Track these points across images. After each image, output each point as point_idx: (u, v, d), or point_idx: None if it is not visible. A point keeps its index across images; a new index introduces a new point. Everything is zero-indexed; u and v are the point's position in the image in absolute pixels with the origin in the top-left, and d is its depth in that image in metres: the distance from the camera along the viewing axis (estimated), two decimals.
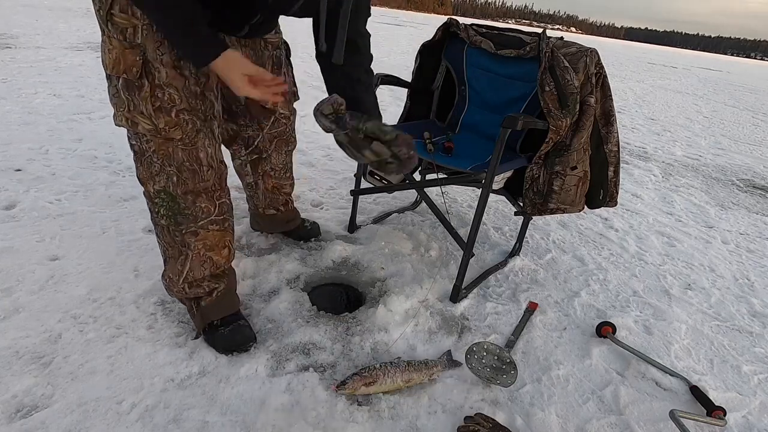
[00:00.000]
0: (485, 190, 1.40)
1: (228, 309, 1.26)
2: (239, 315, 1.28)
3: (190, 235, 1.16)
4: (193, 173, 1.10)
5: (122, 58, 0.97)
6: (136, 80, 0.98)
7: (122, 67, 0.98)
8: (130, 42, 0.96)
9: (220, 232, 1.21)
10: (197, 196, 1.13)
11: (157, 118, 1.02)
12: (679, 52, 74.80)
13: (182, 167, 1.09)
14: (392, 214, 2.12)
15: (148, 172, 1.09)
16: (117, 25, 0.95)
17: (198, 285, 1.22)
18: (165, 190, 1.10)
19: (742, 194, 3.30)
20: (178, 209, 1.13)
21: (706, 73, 18.69)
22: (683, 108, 7.35)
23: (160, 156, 1.07)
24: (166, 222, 1.14)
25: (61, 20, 7.38)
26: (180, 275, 1.20)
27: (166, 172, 1.09)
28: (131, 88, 1.00)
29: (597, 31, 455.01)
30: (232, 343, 1.21)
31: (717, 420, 1.19)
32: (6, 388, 1.04)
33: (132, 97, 1.00)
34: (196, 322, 1.25)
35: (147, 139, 1.05)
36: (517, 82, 1.69)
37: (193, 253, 1.18)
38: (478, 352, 1.28)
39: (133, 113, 1.02)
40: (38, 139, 2.48)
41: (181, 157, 1.08)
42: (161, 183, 1.10)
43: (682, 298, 1.79)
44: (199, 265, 1.20)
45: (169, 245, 1.19)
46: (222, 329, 1.22)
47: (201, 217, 1.15)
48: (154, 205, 1.14)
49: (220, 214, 1.19)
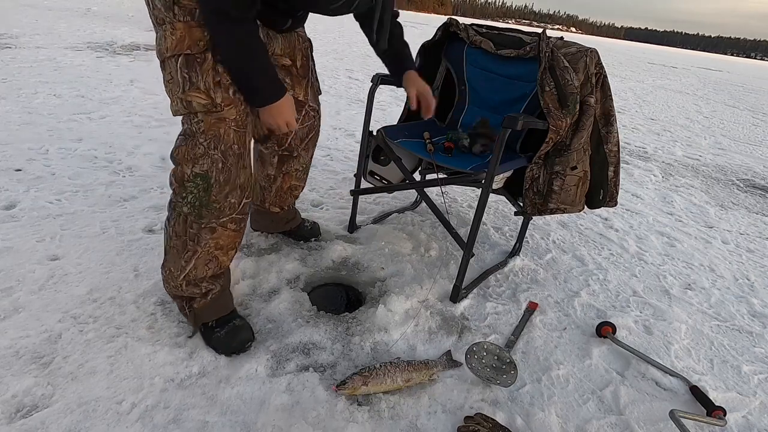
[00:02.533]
0: (485, 190, 1.40)
1: (222, 310, 1.23)
2: (234, 314, 1.25)
3: (207, 231, 1.12)
4: (238, 159, 1.08)
5: (188, 35, 0.98)
6: (199, 54, 0.98)
7: (186, 43, 0.98)
8: (198, 21, 0.97)
9: (235, 233, 1.18)
10: (233, 190, 1.10)
11: (215, 92, 1.01)
12: (679, 52, 74.79)
13: (229, 152, 1.06)
14: (392, 214, 2.11)
15: (192, 154, 1.05)
16: (185, 7, 0.97)
17: (196, 284, 1.19)
18: (204, 176, 1.05)
19: (742, 194, 3.30)
20: (207, 200, 1.08)
21: (706, 73, 18.69)
22: (683, 108, 7.35)
23: (208, 137, 1.04)
24: (188, 210, 1.09)
25: (61, 20, 7.38)
26: (182, 271, 1.16)
27: (211, 156, 1.05)
28: (191, 64, 0.99)
29: (597, 31, 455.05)
30: (229, 346, 1.19)
31: (717, 420, 1.19)
32: (6, 388, 1.04)
33: (190, 74, 0.99)
34: (189, 320, 1.24)
35: (198, 120, 1.03)
36: (517, 82, 1.69)
37: (203, 250, 1.14)
38: (478, 352, 1.28)
39: (188, 92, 1.01)
40: (38, 139, 2.49)
41: (232, 138, 1.05)
42: (203, 167, 1.05)
43: (682, 298, 1.79)
44: (203, 264, 1.16)
45: (178, 237, 1.13)
46: (218, 331, 1.19)
47: (226, 212, 1.12)
48: (182, 189, 1.08)
49: (242, 213, 1.16)
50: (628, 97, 7.67)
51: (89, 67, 4.37)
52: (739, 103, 9.29)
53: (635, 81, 10.72)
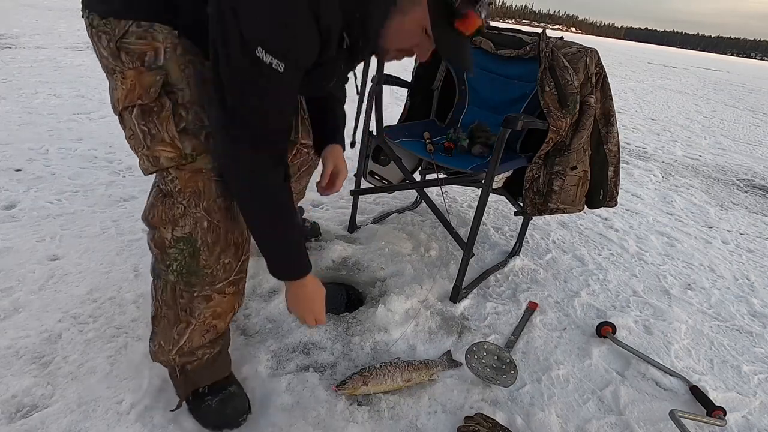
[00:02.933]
0: (485, 190, 1.40)
1: (219, 373, 1.06)
2: (230, 379, 1.08)
3: (201, 299, 0.94)
4: (227, 213, 0.91)
5: (138, 83, 0.84)
6: (153, 102, 0.84)
7: (137, 93, 0.84)
8: (149, 66, 0.84)
9: (234, 296, 0.99)
10: (225, 249, 0.92)
11: (182, 141, 0.86)
12: (679, 52, 74.79)
13: (213, 207, 0.89)
14: (392, 214, 2.12)
15: (170, 215, 0.88)
16: (132, 52, 0.83)
17: (191, 353, 1.01)
18: (188, 239, 0.89)
19: (742, 194, 3.30)
20: (195, 266, 0.91)
21: (706, 73, 18.69)
22: (683, 108, 7.35)
23: (186, 195, 0.87)
24: (175, 278, 0.92)
25: (61, 20, 7.38)
26: (174, 344, 0.98)
27: (193, 216, 0.88)
28: (148, 114, 0.85)
29: (597, 31, 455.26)
30: (222, 418, 1.02)
31: (717, 420, 1.19)
32: (6, 388, 1.04)
33: (149, 126, 0.85)
34: (178, 388, 1.05)
35: (172, 177, 0.87)
36: (517, 82, 1.69)
37: (198, 321, 0.96)
38: (478, 352, 1.28)
39: (152, 146, 0.86)
40: (38, 139, 2.48)
41: (215, 191, 0.89)
42: (185, 229, 0.88)
43: (682, 298, 1.79)
44: (200, 335, 0.99)
45: (168, 306, 0.96)
46: (209, 399, 1.02)
47: (221, 277, 0.94)
48: (165, 256, 0.91)
49: (240, 272, 0.98)
50: (628, 97, 7.67)
51: (89, 67, 4.37)
52: (739, 103, 9.29)
53: (635, 81, 10.72)
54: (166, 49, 0.84)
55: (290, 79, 0.79)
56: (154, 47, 0.83)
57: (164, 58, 0.84)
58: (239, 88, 0.78)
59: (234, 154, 0.84)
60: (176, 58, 0.85)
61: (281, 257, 0.96)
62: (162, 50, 0.84)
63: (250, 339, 1.27)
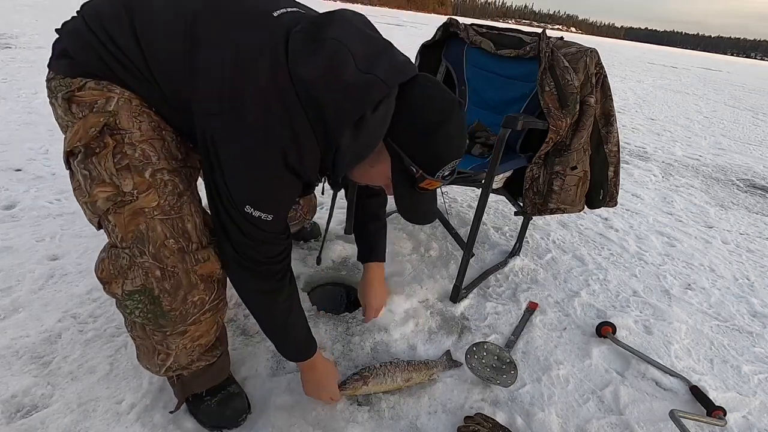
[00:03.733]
0: (485, 190, 1.40)
1: (217, 377, 1.04)
2: (229, 380, 1.07)
3: (176, 336, 0.89)
4: (183, 255, 0.82)
5: (82, 126, 0.78)
6: (94, 142, 0.78)
7: (79, 135, 0.78)
8: (97, 111, 0.78)
9: (213, 316, 0.93)
10: (190, 290, 0.84)
11: (122, 178, 0.78)
12: (679, 52, 74.78)
13: (163, 252, 0.80)
14: (392, 214, 2.11)
15: (117, 267, 0.81)
16: (83, 103, 0.79)
17: (185, 368, 0.98)
18: (142, 290, 0.81)
19: (742, 194, 3.30)
20: (160, 312, 0.83)
21: (706, 73, 18.69)
22: (683, 108, 7.35)
23: (129, 242, 0.79)
24: (142, 321, 0.86)
25: (61, 20, 7.36)
26: (160, 367, 0.94)
27: (141, 266, 0.80)
28: (89, 155, 0.79)
29: (597, 31, 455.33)
30: (221, 418, 1.02)
31: (717, 420, 1.18)
32: (6, 388, 1.04)
33: (89, 168, 0.79)
34: (175, 392, 1.04)
35: (110, 224, 0.80)
36: (517, 82, 1.69)
37: (177, 350, 0.91)
38: (478, 352, 1.27)
39: (92, 191, 0.79)
40: (38, 139, 2.49)
41: (161, 233, 0.80)
42: (136, 282, 0.81)
43: (682, 298, 1.79)
44: (186, 356, 0.94)
45: (141, 339, 0.91)
46: (209, 400, 1.02)
47: (192, 312, 0.87)
48: (123, 307, 0.85)
49: (217, 297, 0.91)
50: (628, 97, 7.67)
51: None
52: (739, 103, 9.29)
53: (635, 81, 10.72)
54: (120, 99, 0.79)
55: (280, 221, 0.86)
56: (107, 96, 0.79)
57: (115, 105, 0.79)
58: (237, 229, 0.83)
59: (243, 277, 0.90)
60: (129, 107, 0.80)
61: (289, 350, 1.03)
62: (115, 99, 0.79)
63: (250, 339, 1.27)
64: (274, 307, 0.94)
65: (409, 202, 0.91)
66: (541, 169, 1.54)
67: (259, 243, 0.85)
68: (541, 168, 1.54)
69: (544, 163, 1.53)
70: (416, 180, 0.84)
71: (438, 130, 0.80)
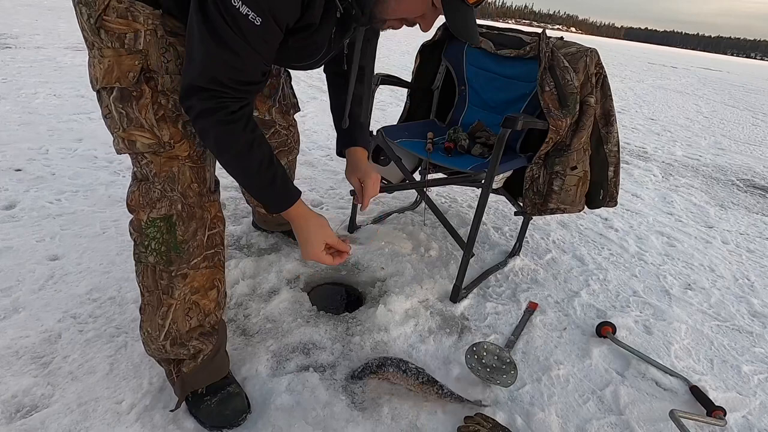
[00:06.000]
0: (485, 190, 1.40)
1: (216, 374, 1.06)
2: (229, 379, 1.09)
3: (179, 278, 0.96)
4: (200, 198, 0.94)
5: (116, 65, 0.83)
6: (133, 87, 0.84)
7: (115, 75, 0.84)
8: (128, 48, 0.83)
9: (210, 270, 1.00)
10: (200, 227, 0.95)
11: (160, 128, 0.87)
12: (679, 52, 74.77)
13: (188, 191, 0.92)
14: (392, 214, 2.12)
15: (147, 198, 0.91)
16: (112, 31, 0.82)
17: (182, 344, 1.00)
18: (165, 218, 0.91)
19: (742, 194, 3.30)
20: (174, 243, 0.93)
21: (706, 73, 18.69)
22: (683, 108, 7.35)
23: (162, 179, 0.90)
24: (154, 260, 0.94)
25: (61, 20, 7.37)
26: (160, 330, 0.98)
27: (169, 198, 0.91)
28: (127, 99, 0.85)
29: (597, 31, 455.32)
30: (220, 418, 1.02)
31: (717, 420, 1.19)
32: (6, 388, 1.04)
33: (128, 110, 0.86)
34: (176, 389, 1.04)
35: (147, 161, 0.89)
36: (517, 82, 1.69)
37: (177, 301, 0.97)
38: (478, 352, 1.27)
39: (129, 131, 0.87)
40: (38, 139, 2.49)
41: (189, 177, 0.91)
42: (161, 210, 0.91)
43: (682, 298, 1.79)
44: (183, 315, 0.98)
45: (150, 292, 0.97)
46: (209, 399, 1.03)
47: (195, 253, 0.96)
48: (143, 237, 0.93)
49: (211, 247, 0.99)
50: (628, 97, 7.67)
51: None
52: (739, 103, 9.29)
53: (635, 81, 10.72)
54: (146, 31, 0.83)
55: (267, 34, 0.77)
56: (135, 29, 0.82)
57: (144, 42, 0.83)
58: (213, 41, 0.75)
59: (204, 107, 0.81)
60: (156, 41, 0.84)
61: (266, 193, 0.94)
62: (142, 33, 0.83)
63: (250, 339, 1.27)
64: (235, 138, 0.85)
65: (463, 18, 0.85)
66: (541, 169, 1.54)
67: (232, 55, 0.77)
68: (541, 168, 1.54)
69: (544, 163, 1.53)
70: None
71: None
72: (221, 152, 0.87)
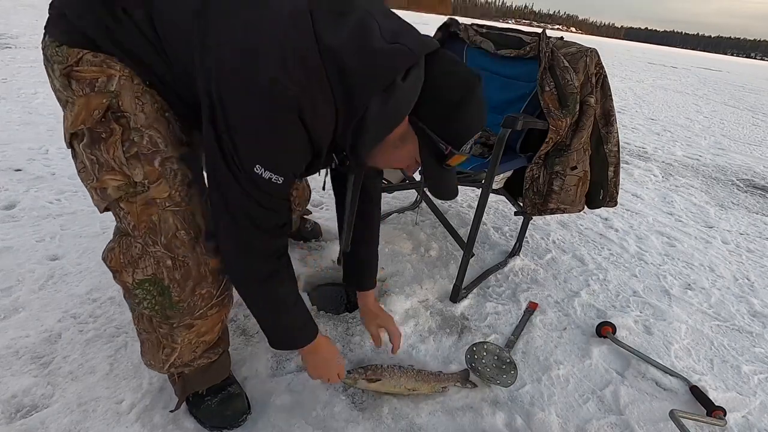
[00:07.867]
0: (485, 190, 1.40)
1: (217, 376, 1.04)
2: (230, 380, 1.07)
3: (182, 329, 0.89)
4: (194, 246, 0.83)
5: (84, 107, 0.77)
6: (100, 127, 0.77)
7: (82, 117, 0.77)
8: (99, 90, 0.77)
9: (218, 313, 0.93)
10: (199, 282, 0.85)
11: (131, 167, 0.78)
12: (679, 52, 74.76)
13: (174, 242, 0.81)
14: (392, 214, 2.11)
15: (128, 256, 0.82)
16: (83, 79, 0.77)
17: (187, 365, 0.98)
18: (152, 280, 0.82)
19: (742, 194, 3.30)
20: (168, 303, 0.84)
21: (706, 73, 18.69)
22: (683, 108, 7.34)
23: (141, 231, 0.80)
24: (150, 313, 0.87)
25: None
26: (164, 362, 0.94)
27: (153, 255, 0.81)
28: (96, 142, 0.78)
29: (597, 31, 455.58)
30: (221, 419, 1.01)
31: (717, 420, 1.18)
32: (6, 388, 1.04)
33: (97, 154, 0.78)
34: (176, 390, 1.03)
35: (124, 212, 0.80)
36: (517, 82, 1.69)
37: (182, 345, 0.92)
38: (478, 352, 1.27)
39: (100, 176, 0.79)
40: (38, 139, 2.48)
41: (173, 224, 0.81)
42: (147, 270, 0.82)
43: (682, 298, 1.79)
44: (189, 353, 0.95)
45: (147, 333, 0.92)
46: (209, 400, 1.02)
47: (200, 305, 0.88)
48: (132, 296, 0.85)
49: (223, 292, 0.92)
50: (628, 97, 7.67)
51: None
52: (739, 103, 9.29)
53: (635, 81, 10.72)
54: (121, 76, 0.78)
55: (288, 184, 0.81)
56: (108, 74, 0.77)
57: (117, 84, 0.77)
58: (241, 195, 0.78)
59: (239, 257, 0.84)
60: (131, 86, 0.78)
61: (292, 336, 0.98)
62: (117, 77, 0.78)
63: (250, 339, 1.27)
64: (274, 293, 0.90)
65: (439, 180, 0.90)
66: (541, 169, 1.54)
67: (264, 211, 0.80)
68: (541, 168, 1.54)
69: (544, 163, 1.53)
70: (445, 157, 0.83)
71: (463, 105, 0.80)
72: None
